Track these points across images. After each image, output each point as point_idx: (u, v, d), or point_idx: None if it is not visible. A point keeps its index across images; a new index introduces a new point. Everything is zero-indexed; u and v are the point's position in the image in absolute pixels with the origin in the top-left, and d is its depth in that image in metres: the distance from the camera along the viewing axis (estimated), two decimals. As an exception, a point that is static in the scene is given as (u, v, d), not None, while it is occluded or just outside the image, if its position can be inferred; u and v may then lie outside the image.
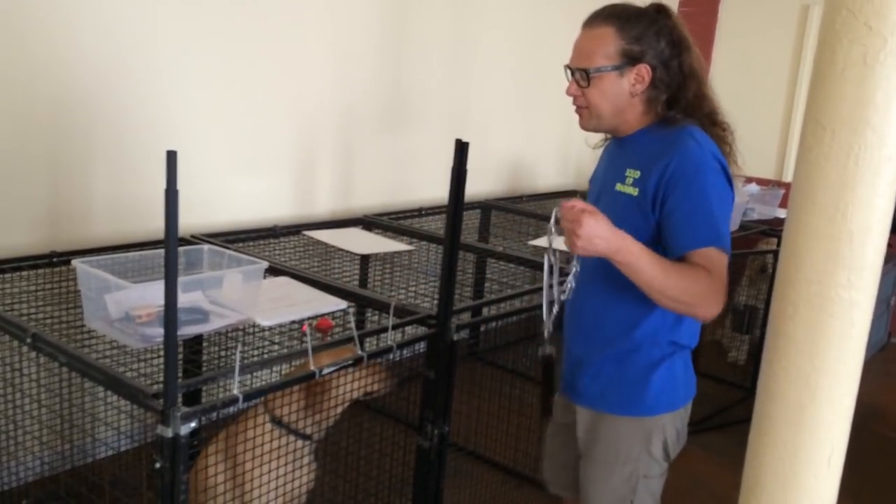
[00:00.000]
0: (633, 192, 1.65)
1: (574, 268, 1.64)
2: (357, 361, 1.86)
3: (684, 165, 1.58)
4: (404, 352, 1.96)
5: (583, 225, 1.45)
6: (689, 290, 1.52)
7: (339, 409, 2.02)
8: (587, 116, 1.72)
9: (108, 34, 2.65)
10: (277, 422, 1.96)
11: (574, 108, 1.75)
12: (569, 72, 1.73)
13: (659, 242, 1.63)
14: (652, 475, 1.77)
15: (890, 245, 4.49)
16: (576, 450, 1.87)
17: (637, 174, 1.65)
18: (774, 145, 5.26)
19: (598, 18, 1.67)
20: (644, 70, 1.64)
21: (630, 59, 1.64)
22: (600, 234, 1.46)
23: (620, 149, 1.76)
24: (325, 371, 1.78)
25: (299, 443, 1.98)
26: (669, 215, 1.60)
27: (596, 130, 1.78)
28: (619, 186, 1.69)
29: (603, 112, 1.69)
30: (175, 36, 2.83)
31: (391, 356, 1.95)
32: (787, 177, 5.16)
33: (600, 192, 1.77)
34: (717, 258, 1.56)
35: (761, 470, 1.27)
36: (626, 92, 1.66)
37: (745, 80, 5.35)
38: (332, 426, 2.05)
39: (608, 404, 1.76)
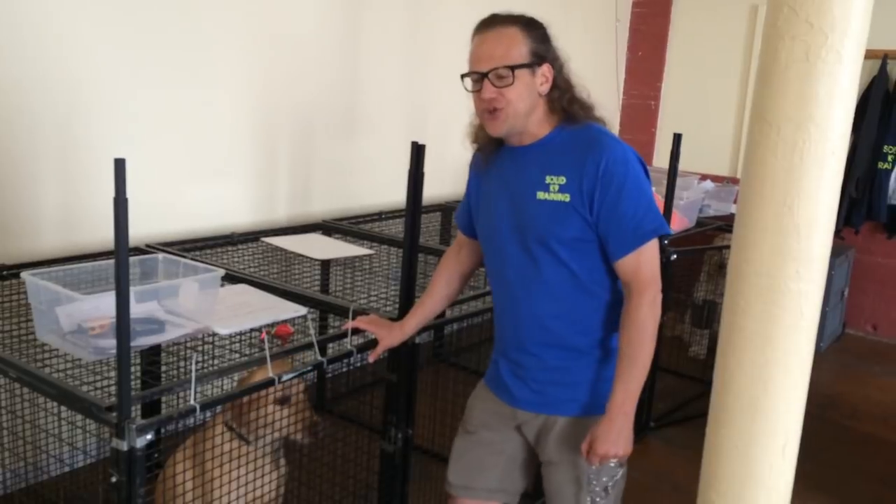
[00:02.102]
0: (564, 197, 1.65)
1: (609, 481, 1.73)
2: (317, 367, 1.85)
3: (615, 164, 1.63)
4: (365, 356, 1.95)
5: (612, 451, 1.63)
6: (647, 334, 1.65)
7: (267, 430, 1.95)
8: (503, 118, 1.66)
9: (53, 43, 2.59)
10: (229, 426, 1.94)
11: (482, 113, 1.69)
12: (468, 80, 1.68)
13: (592, 238, 1.67)
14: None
15: (842, 237, 4.59)
16: (506, 455, 1.87)
17: (562, 180, 1.66)
18: (728, 142, 5.36)
19: (498, 22, 1.67)
20: (548, 70, 1.68)
21: (538, 59, 1.65)
22: (617, 436, 1.63)
23: (526, 157, 1.72)
24: (285, 377, 1.76)
25: (245, 448, 1.95)
26: (611, 213, 1.63)
27: (507, 134, 1.71)
28: (542, 195, 1.68)
29: (520, 111, 1.66)
30: (124, 42, 2.78)
31: (351, 360, 1.94)
32: (742, 173, 5.27)
33: (515, 205, 1.73)
34: (650, 252, 1.66)
35: (718, 461, 1.29)
36: (536, 91, 1.67)
37: (699, 78, 5.44)
38: (275, 436, 1.97)
39: (583, 408, 1.76)
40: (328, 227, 3.42)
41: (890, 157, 4.67)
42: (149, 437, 1.48)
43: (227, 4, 3.09)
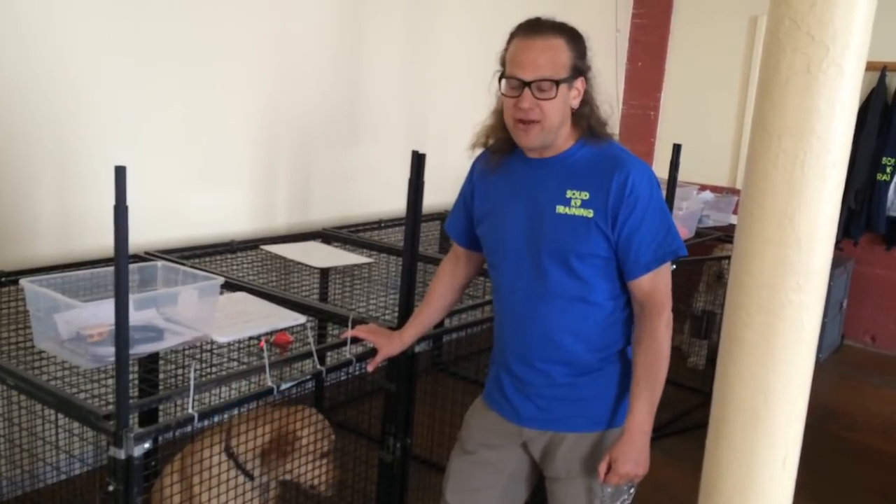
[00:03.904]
0: (587, 213, 1.63)
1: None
2: (315, 376, 1.84)
3: (641, 184, 1.62)
4: (364, 364, 1.94)
5: (633, 471, 1.65)
6: (663, 355, 1.68)
7: (289, 473, 1.98)
8: (537, 131, 1.62)
9: (54, 50, 2.59)
10: (229, 453, 1.92)
11: (515, 123, 1.63)
12: (505, 84, 1.63)
13: (610, 255, 1.66)
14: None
15: (841, 248, 4.61)
16: (506, 473, 1.85)
17: (585, 195, 1.64)
18: (727, 153, 5.37)
19: (545, 28, 1.62)
20: (581, 84, 1.65)
21: (576, 73, 1.63)
22: (638, 455, 1.66)
23: (545, 169, 1.69)
24: (283, 386, 1.75)
25: (241, 479, 1.94)
26: (633, 232, 1.62)
27: (539, 146, 1.67)
28: (562, 209, 1.65)
29: (554, 125, 1.62)
30: (125, 50, 2.78)
31: (350, 369, 1.94)
32: (740, 184, 5.27)
33: (531, 218, 1.69)
34: (665, 273, 1.68)
35: (718, 473, 1.28)
36: (569, 105, 1.64)
37: (698, 89, 5.46)
38: (280, 480, 2.02)
39: (591, 423, 1.75)
40: (327, 236, 3.42)
41: (889, 169, 4.68)
42: (146, 445, 1.48)
43: (229, 14, 3.09)
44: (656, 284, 1.65)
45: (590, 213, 1.63)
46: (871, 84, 4.67)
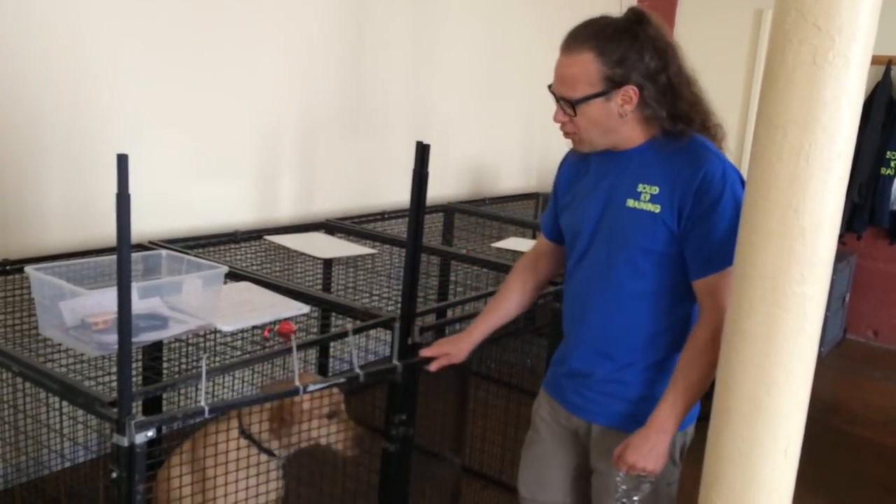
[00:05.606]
0: (654, 208, 1.60)
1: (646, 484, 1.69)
2: (352, 380, 1.84)
3: (713, 179, 1.55)
4: (367, 355, 1.95)
5: (640, 464, 1.58)
6: (706, 358, 1.55)
7: (304, 442, 1.98)
8: (578, 142, 1.68)
9: (58, 35, 2.60)
10: (246, 434, 1.93)
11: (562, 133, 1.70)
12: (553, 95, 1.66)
13: (676, 253, 1.61)
14: (674, 480, 1.76)
15: (844, 242, 4.60)
16: (565, 468, 1.86)
17: (655, 190, 1.60)
18: (732, 145, 5.34)
19: (577, 42, 1.59)
20: (631, 91, 1.58)
21: (614, 83, 1.58)
22: (649, 451, 1.58)
23: (620, 162, 1.67)
24: (311, 388, 1.74)
25: (263, 457, 1.95)
26: (699, 228, 1.56)
27: (589, 151, 1.71)
28: (632, 203, 1.63)
29: (593, 136, 1.64)
30: (131, 39, 2.78)
31: (355, 365, 1.94)
32: (745, 174, 5.25)
33: (605, 209, 1.68)
34: (727, 280, 1.51)
35: (720, 463, 1.29)
36: (614, 114, 1.60)
37: (702, 82, 5.43)
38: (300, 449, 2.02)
39: (632, 422, 1.69)
40: (331, 226, 3.42)
41: (893, 163, 4.67)
42: (149, 433, 1.48)
43: (235, 6, 3.09)
44: (721, 288, 1.54)
45: (657, 209, 1.59)
46: (875, 78, 4.66)
